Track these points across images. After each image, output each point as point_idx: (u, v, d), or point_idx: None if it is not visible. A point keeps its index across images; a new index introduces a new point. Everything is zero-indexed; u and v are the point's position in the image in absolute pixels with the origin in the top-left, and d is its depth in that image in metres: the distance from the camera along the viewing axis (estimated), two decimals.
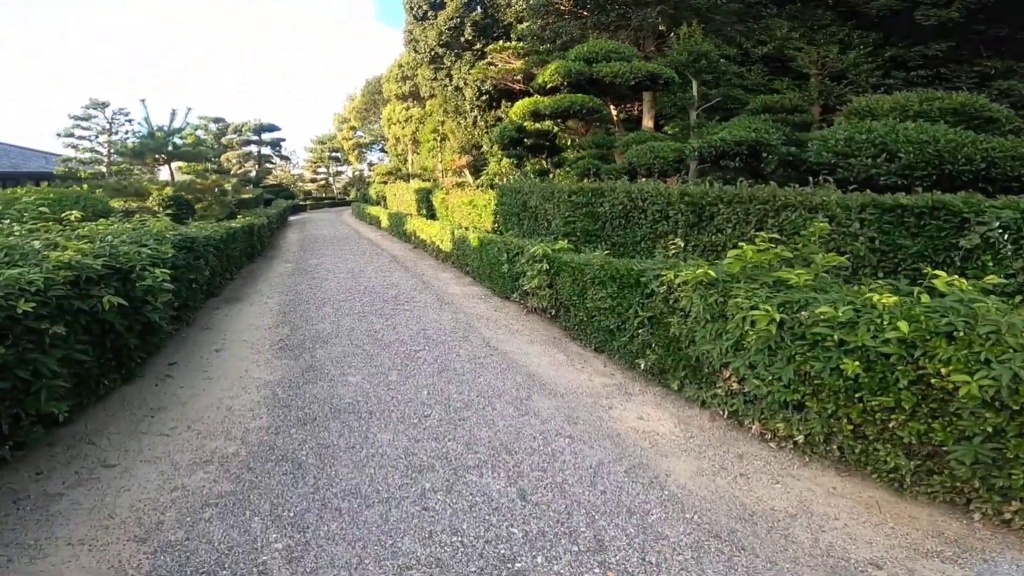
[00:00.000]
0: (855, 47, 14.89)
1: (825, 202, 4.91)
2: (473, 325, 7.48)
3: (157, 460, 4.00)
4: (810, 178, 5.35)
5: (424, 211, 20.14)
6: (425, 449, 4.08)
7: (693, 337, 4.64)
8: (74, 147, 27.69)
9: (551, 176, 12.61)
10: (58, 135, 25.99)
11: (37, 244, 3.96)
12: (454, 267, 12.35)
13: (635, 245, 7.16)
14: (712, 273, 4.33)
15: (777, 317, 3.67)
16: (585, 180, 10.29)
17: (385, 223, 23.10)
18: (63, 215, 5.70)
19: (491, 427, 4.45)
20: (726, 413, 4.46)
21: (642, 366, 5.42)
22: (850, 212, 4.80)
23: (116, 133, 27.32)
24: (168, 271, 4.79)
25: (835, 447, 3.67)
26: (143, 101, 18.10)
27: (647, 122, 15.44)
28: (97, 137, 27.41)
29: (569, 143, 15.54)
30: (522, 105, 12.12)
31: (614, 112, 12.59)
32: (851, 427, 3.50)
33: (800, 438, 3.81)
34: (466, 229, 12.62)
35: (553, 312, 7.48)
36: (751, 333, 3.90)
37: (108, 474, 3.81)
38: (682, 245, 5.35)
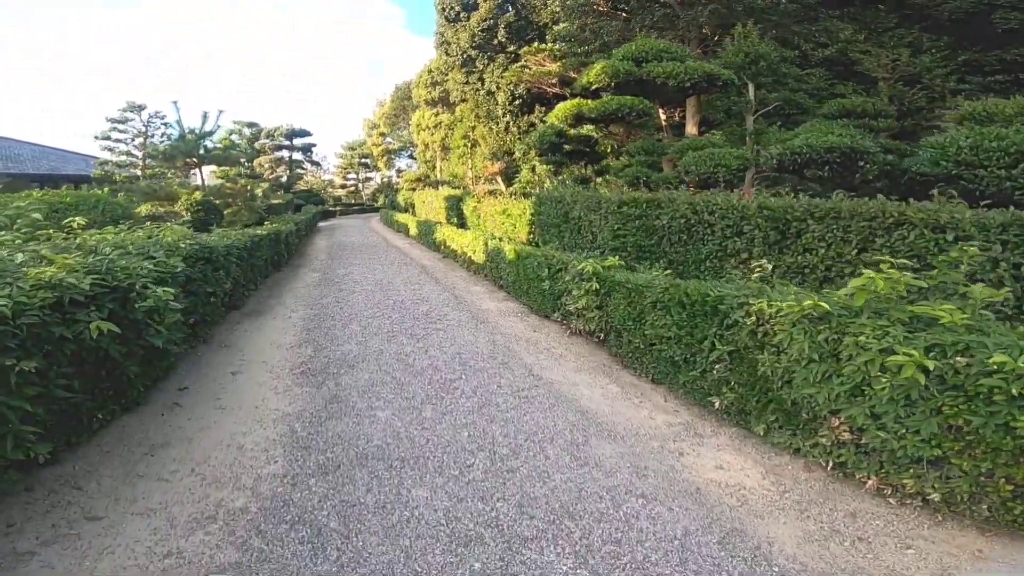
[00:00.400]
0: (926, 51, 13.80)
1: (956, 220, 4.08)
2: (512, 348, 6.78)
3: (151, 513, 3.40)
4: (934, 190, 4.52)
5: (455, 219, 19.61)
6: (470, 512, 3.38)
7: (789, 378, 3.89)
8: (110, 150, 28.17)
9: (592, 184, 11.90)
10: (96, 138, 26.46)
11: (20, 257, 3.44)
12: (487, 280, 11.71)
13: (698, 264, 6.38)
14: (825, 305, 3.55)
15: (930, 365, 2.89)
16: (632, 190, 9.55)
17: (413, 231, 22.69)
18: (66, 221, 5.22)
19: (546, 482, 3.74)
20: (830, 464, 3.73)
21: (716, 405, 4.67)
22: (989, 233, 3.96)
23: (152, 136, 27.68)
24: (176, 289, 4.23)
25: (984, 507, 3.04)
26: (175, 103, 18.07)
27: (690, 128, 14.60)
28: (133, 140, 27.81)
29: (608, 150, 14.81)
30: (564, 107, 11.44)
31: (662, 117, 11.84)
32: (1011, 487, 2.90)
33: (936, 496, 3.18)
34: (500, 240, 11.99)
35: (601, 336, 6.74)
36: (883, 379, 3.16)
37: (91, 529, 3.22)
38: (769, 268, 4.56)
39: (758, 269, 4.54)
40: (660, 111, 11.72)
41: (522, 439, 4.35)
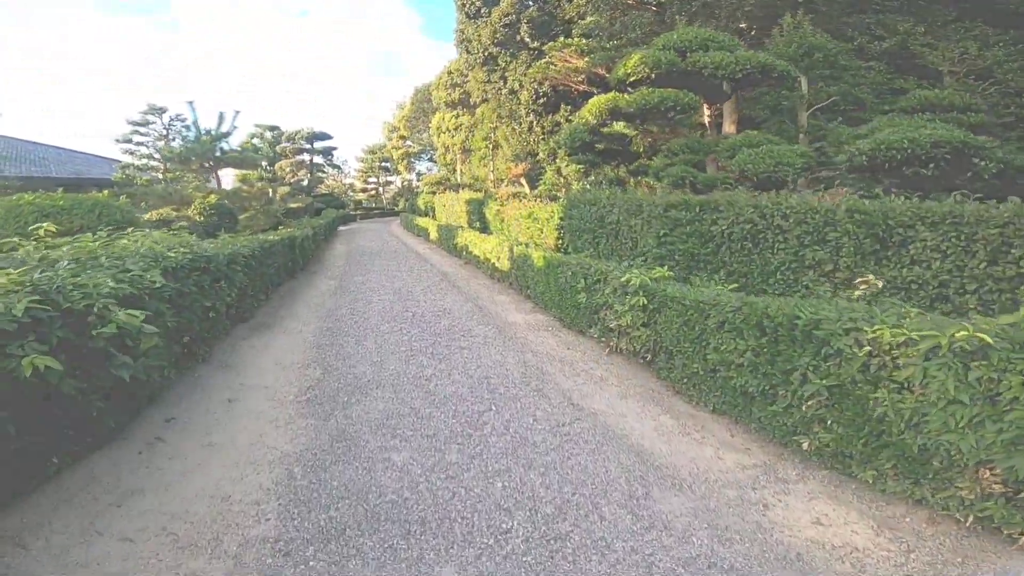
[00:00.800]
0: (994, 44, 12.70)
1: None
2: (546, 370, 6.01)
3: None
4: None
5: (477, 224, 18.96)
6: None
7: (918, 420, 3.12)
8: (131, 153, 28.15)
9: (627, 186, 11.08)
10: (117, 141, 26.45)
11: None
12: (512, 289, 10.97)
13: (766, 277, 5.53)
14: (985, 337, 2.71)
15: None
16: (675, 191, 8.73)
17: (434, 235, 22.12)
18: (32, 228, 4.58)
19: (606, 554, 3.00)
20: (970, 519, 3.00)
21: (805, 446, 3.88)
22: None
23: (174, 139, 27.59)
24: (160, 305, 3.55)
25: None
26: (191, 103, 17.75)
27: (728, 127, 13.67)
28: (155, 143, 27.74)
29: (641, 149, 13.96)
30: (599, 102, 10.63)
31: (707, 112, 10.97)
32: None
33: None
34: (526, 246, 11.24)
35: (648, 356, 5.94)
36: None
37: None
38: (880, 285, 3.71)
39: (863, 285, 3.69)
40: (706, 106, 10.83)
41: (569, 492, 3.58)
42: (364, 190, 59.24)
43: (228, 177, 24.29)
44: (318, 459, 3.93)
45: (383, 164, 56.91)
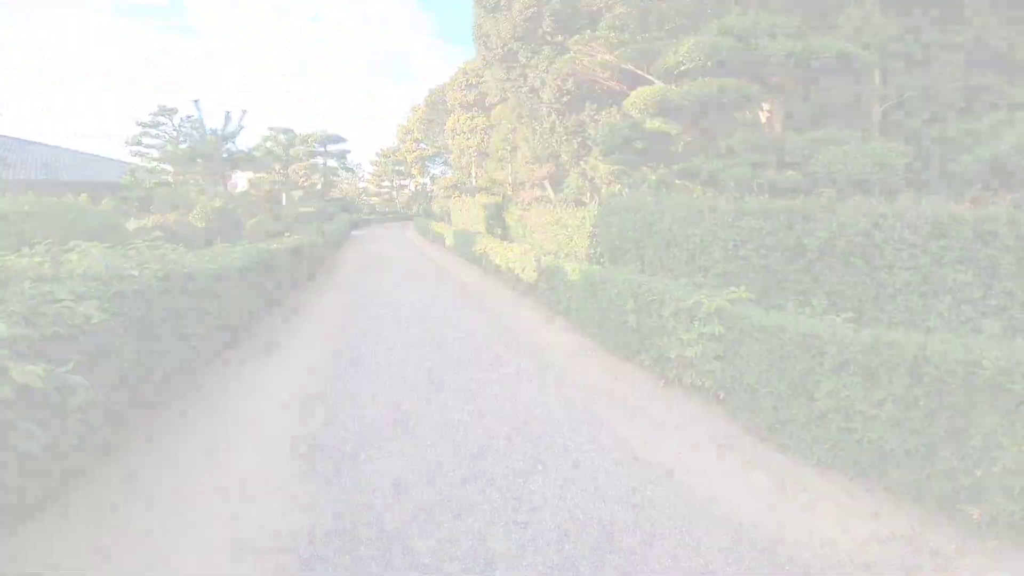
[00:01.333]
0: None
1: None
2: (595, 411, 5.07)
3: None
4: None
5: (498, 230, 18.11)
6: None
7: None
8: (140, 155, 27.88)
9: (671, 190, 10.09)
10: (126, 143, 26.13)
11: None
12: (539, 303, 10.07)
13: (881, 303, 4.53)
14: None
15: None
16: (737, 196, 7.73)
17: (450, 241, 21.38)
18: None
19: None
20: None
21: (975, 515, 2.98)
22: None
23: (185, 141, 27.22)
24: (91, 346, 2.66)
25: None
26: (196, 102, 17.12)
27: (775, 126, 12.65)
28: (165, 145, 27.45)
29: (680, 148, 12.99)
30: (643, 94, 9.67)
31: (766, 107, 9.96)
32: None
33: None
34: (555, 256, 10.33)
35: (721, 394, 4.98)
36: None
37: None
38: None
39: None
40: (765, 101, 9.79)
41: None
42: (377, 194, 59.05)
43: (245, 182, 23.79)
44: (317, 548, 2.98)
45: (396, 167, 56.59)
